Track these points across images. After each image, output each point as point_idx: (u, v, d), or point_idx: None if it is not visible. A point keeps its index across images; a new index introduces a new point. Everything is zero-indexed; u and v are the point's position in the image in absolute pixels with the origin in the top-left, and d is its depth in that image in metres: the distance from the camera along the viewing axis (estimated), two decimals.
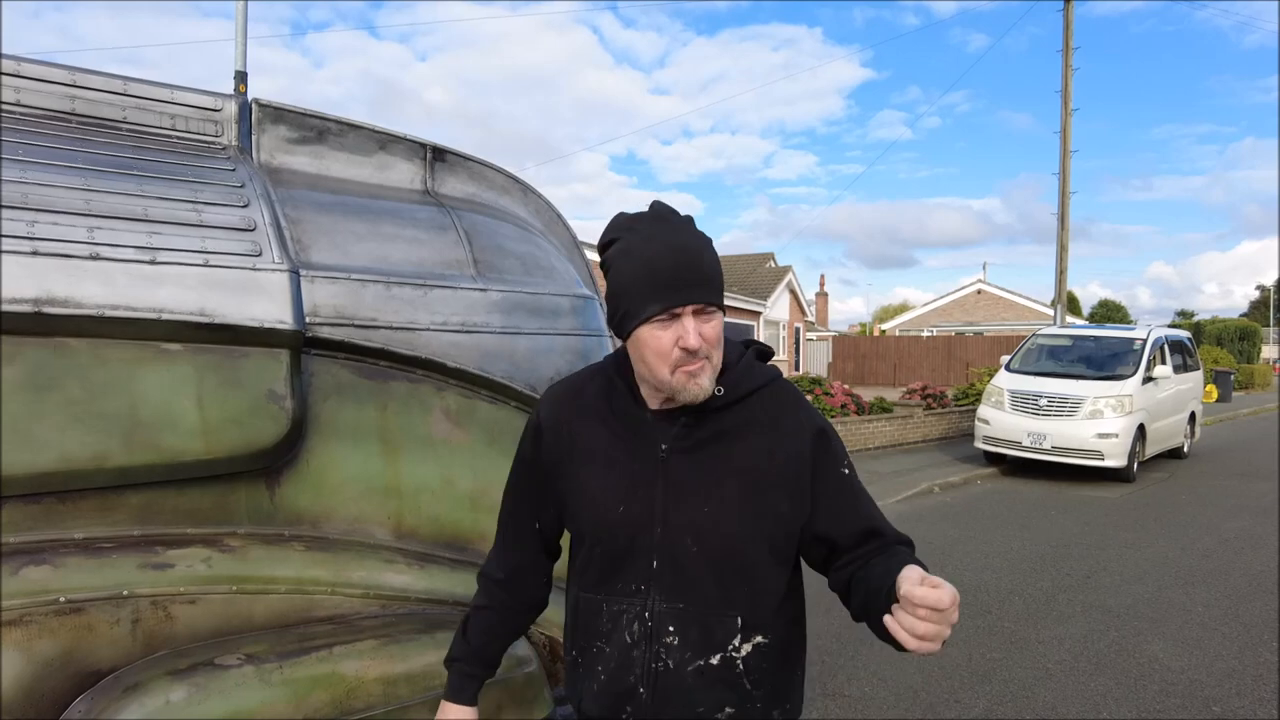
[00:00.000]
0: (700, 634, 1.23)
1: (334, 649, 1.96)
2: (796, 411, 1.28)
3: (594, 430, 1.31)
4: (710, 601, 1.23)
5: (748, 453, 1.24)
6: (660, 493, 1.23)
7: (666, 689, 1.24)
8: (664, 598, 1.23)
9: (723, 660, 1.23)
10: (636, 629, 1.24)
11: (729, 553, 1.22)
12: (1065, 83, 15.12)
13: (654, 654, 1.24)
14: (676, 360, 1.17)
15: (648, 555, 1.23)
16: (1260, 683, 3.75)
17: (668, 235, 1.21)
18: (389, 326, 2.24)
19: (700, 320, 1.18)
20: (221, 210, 2.03)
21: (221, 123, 2.29)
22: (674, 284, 1.17)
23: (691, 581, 1.22)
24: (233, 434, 1.97)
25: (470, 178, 2.83)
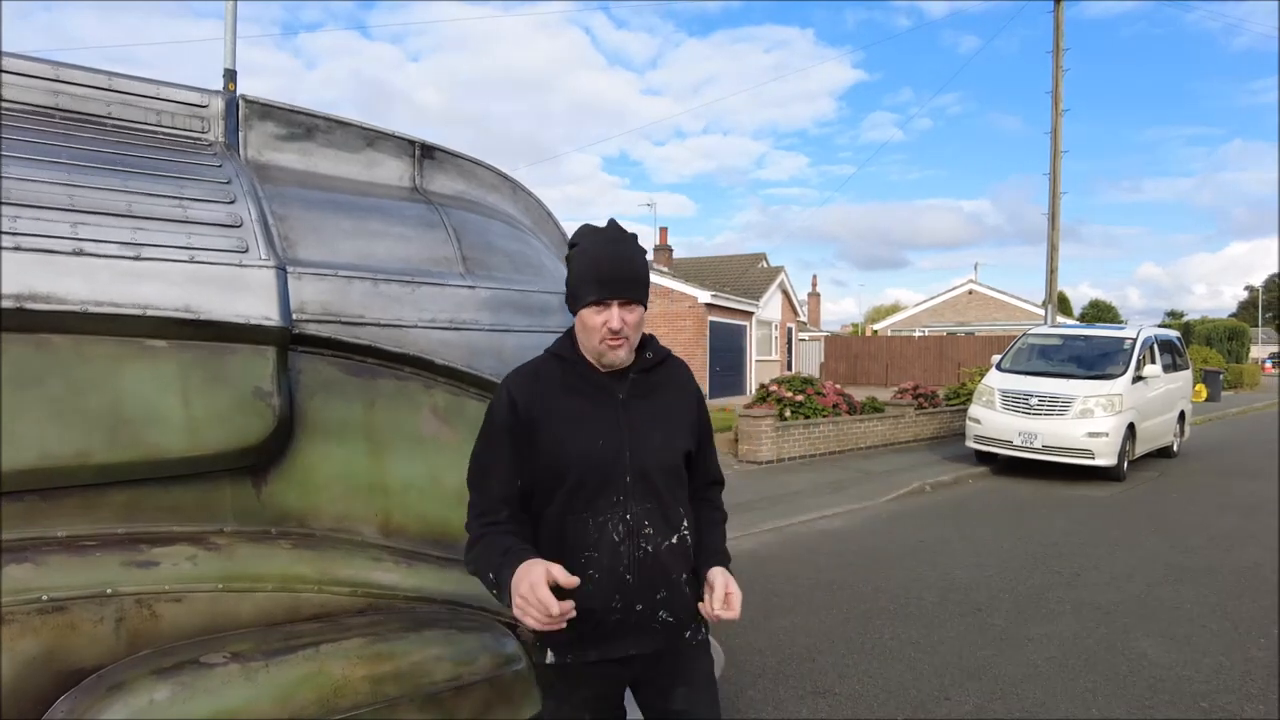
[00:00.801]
0: (665, 522, 1.71)
1: (321, 647, 1.95)
2: (689, 377, 1.89)
3: (559, 396, 1.71)
4: (667, 499, 1.72)
5: (672, 399, 1.80)
6: (624, 428, 1.69)
7: (648, 567, 1.67)
8: (638, 502, 1.68)
9: (679, 538, 1.73)
10: (621, 529, 1.66)
11: (674, 465, 1.76)
12: (1056, 84, 15.18)
13: (636, 544, 1.67)
14: (603, 335, 1.66)
15: (622, 474, 1.67)
16: (1248, 679, 3.76)
17: (612, 245, 1.68)
18: (376, 323, 2.23)
19: (624, 309, 1.66)
20: (207, 206, 2.02)
21: (208, 119, 2.27)
22: (608, 281, 1.64)
23: (656, 487, 1.70)
24: (218, 431, 1.96)
25: (459, 175, 2.82)
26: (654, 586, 1.68)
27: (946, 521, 7.20)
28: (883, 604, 4.79)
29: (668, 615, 1.70)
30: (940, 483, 9.03)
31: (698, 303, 19.81)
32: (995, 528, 6.94)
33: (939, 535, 6.64)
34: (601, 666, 1.70)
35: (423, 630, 2.15)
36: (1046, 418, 9.48)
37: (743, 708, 3.36)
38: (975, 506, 7.92)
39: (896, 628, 4.38)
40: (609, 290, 1.63)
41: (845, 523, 7.08)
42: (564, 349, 1.75)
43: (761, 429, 9.86)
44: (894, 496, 8.19)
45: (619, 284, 1.64)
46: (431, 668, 2.07)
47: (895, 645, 4.12)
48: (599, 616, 1.64)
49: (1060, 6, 15.04)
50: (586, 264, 1.65)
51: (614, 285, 1.64)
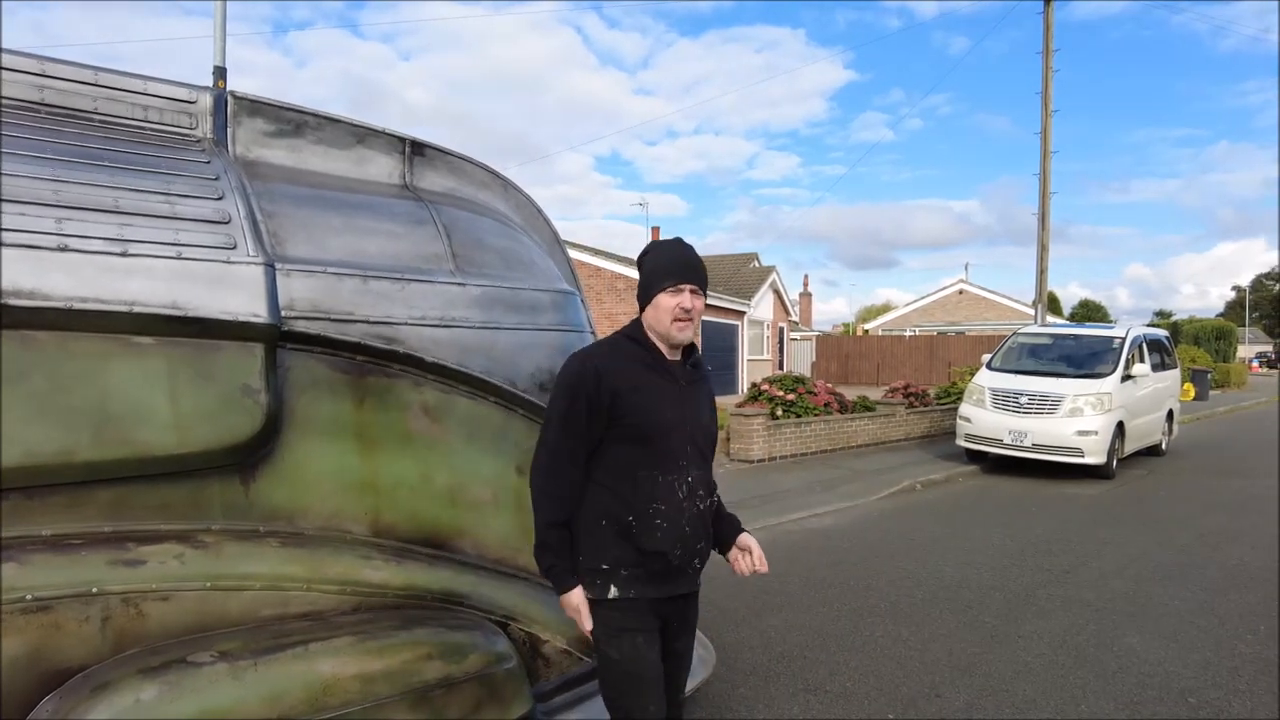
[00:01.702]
0: (708, 487, 2.09)
1: (310, 646, 1.94)
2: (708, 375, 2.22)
3: (639, 372, 2.00)
4: (707, 469, 2.10)
5: (706, 389, 2.16)
6: (685, 406, 2.04)
7: (699, 523, 2.03)
8: (696, 467, 2.04)
9: (713, 500, 2.12)
10: (683, 489, 2.00)
11: (711, 442, 2.15)
12: (1045, 84, 15.24)
13: (694, 502, 2.02)
14: (675, 315, 2.00)
15: (684, 443, 2.02)
16: (1235, 674, 3.78)
17: (682, 246, 2.09)
18: (366, 321, 2.22)
19: (693, 296, 2.03)
20: (195, 203, 2.01)
21: (196, 115, 2.26)
22: (682, 271, 2.02)
23: (703, 458, 2.09)
24: (206, 429, 1.95)
25: (450, 172, 2.81)
26: (701, 538, 2.04)
27: (937, 520, 7.22)
28: (873, 602, 4.80)
29: (700, 563, 2.08)
30: (931, 481, 9.05)
31: None
32: (985, 526, 6.96)
33: (930, 533, 6.66)
34: (657, 604, 2.01)
35: (413, 628, 2.14)
36: (1036, 416, 9.52)
37: (734, 705, 3.36)
38: (966, 505, 7.94)
39: (887, 625, 4.39)
40: (683, 276, 2.00)
41: (836, 521, 7.09)
42: (636, 333, 2.06)
43: (753, 428, 9.86)
44: (885, 495, 8.20)
45: (691, 272, 2.03)
46: (422, 666, 2.06)
47: (886, 642, 4.13)
48: (666, 560, 1.98)
49: (1050, 7, 15.11)
50: (663, 259, 2.03)
51: (687, 273, 2.01)
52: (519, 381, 2.55)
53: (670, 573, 2.01)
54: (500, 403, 2.53)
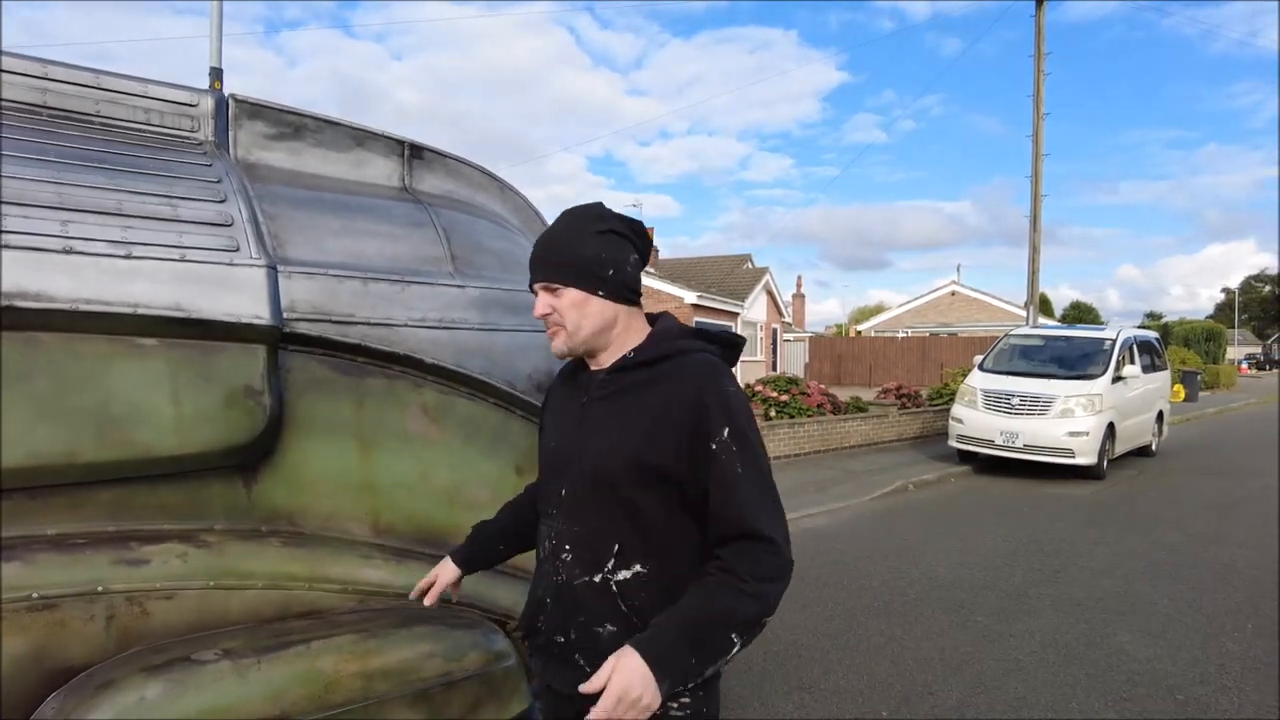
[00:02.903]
0: (586, 553, 1.45)
1: (311, 644, 1.96)
2: (696, 378, 1.43)
3: (559, 390, 1.64)
4: (594, 526, 1.45)
5: (645, 403, 1.44)
6: (579, 432, 1.50)
7: (562, 599, 1.47)
8: (565, 519, 1.49)
9: (601, 580, 1.44)
10: (547, 546, 1.52)
11: (611, 484, 1.43)
12: (1037, 87, 15.33)
13: (555, 568, 1.50)
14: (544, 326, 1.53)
15: (561, 484, 1.51)
16: (1222, 671, 3.83)
17: (544, 231, 1.57)
18: (366, 322, 2.23)
19: (549, 294, 1.50)
20: (197, 205, 2.02)
21: (197, 118, 2.27)
22: (530, 265, 1.53)
23: (583, 507, 1.47)
24: (208, 429, 1.96)
25: (448, 175, 2.83)
26: (567, 623, 1.46)
27: (930, 520, 7.27)
28: (867, 601, 4.84)
29: (584, 662, 1.42)
30: (923, 481, 9.11)
31: (684, 304, 19.87)
32: (977, 525, 7.01)
33: (922, 533, 6.71)
34: (551, 694, 1.55)
35: (413, 627, 2.16)
36: (1028, 417, 9.58)
37: (728, 703, 3.39)
38: (958, 505, 7.99)
39: (880, 624, 4.42)
40: (530, 276, 1.53)
41: (829, 521, 7.13)
42: None
43: None
44: (878, 495, 8.25)
45: (534, 266, 1.52)
46: (422, 664, 2.08)
47: (879, 641, 4.17)
48: (527, 630, 1.58)
49: (1042, 10, 15.20)
50: None
51: (531, 269, 1.53)
52: (517, 383, 2.58)
53: (539, 652, 1.55)
54: (499, 404, 2.55)
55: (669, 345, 1.50)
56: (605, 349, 1.52)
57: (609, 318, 1.50)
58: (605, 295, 1.49)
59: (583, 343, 1.50)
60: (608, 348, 1.52)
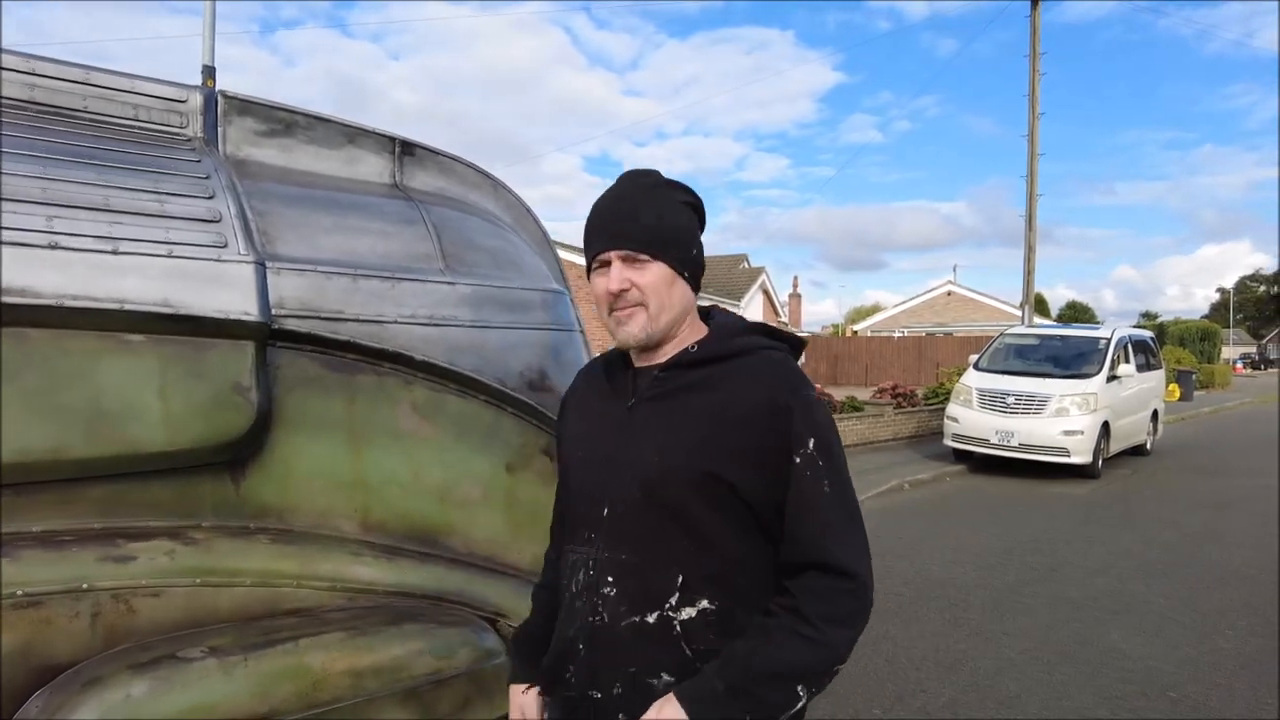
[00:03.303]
0: (638, 587, 1.19)
1: (300, 641, 1.95)
2: (772, 379, 1.22)
3: (587, 394, 1.40)
4: (650, 553, 1.19)
5: (710, 404, 1.20)
6: (625, 439, 1.24)
7: (601, 644, 1.21)
8: (608, 546, 1.22)
9: (659, 620, 1.18)
10: (582, 577, 1.25)
11: (672, 502, 1.18)
12: (1032, 87, 15.36)
13: (592, 605, 1.22)
14: (609, 305, 1.25)
15: (601, 503, 1.24)
16: (1215, 670, 3.84)
17: (609, 191, 1.30)
18: (356, 319, 2.23)
19: (629, 267, 1.23)
20: (186, 201, 2.01)
21: (186, 114, 2.26)
22: (599, 232, 1.26)
23: (634, 530, 1.20)
24: (197, 426, 1.96)
25: (440, 172, 2.82)
26: (610, 675, 1.20)
27: (924, 519, 7.27)
28: None
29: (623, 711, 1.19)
30: (919, 480, 9.12)
31: None
32: (972, 524, 7.02)
33: (916, 532, 6.71)
34: None
35: (403, 624, 2.15)
36: (1023, 416, 9.60)
37: None
38: (953, 504, 8.00)
39: (874, 623, 4.42)
40: (599, 243, 1.25)
41: None
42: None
43: None
44: (873, 494, 8.25)
45: (611, 235, 1.25)
46: (411, 662, 2.07)
47: (873, 639, 4.17)
48: (551, 681, 1.32)
49: (1037, 10, 15.23)
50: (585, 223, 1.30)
51: (605, 237, 1.25)
52: (509, 380, 2.57)
53: (564, 708, 1.29)
54: (490, 401, 2.55)
55: (737, 341, 1.28)
56: (668, 342, 1.28)
57: (687, 306, 1.29)
58: (689, 279, 1.28)
59: (661, 330, 1.25)
60: (670, 340, 1.28)
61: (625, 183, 1.31)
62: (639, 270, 1.23)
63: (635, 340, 1.25)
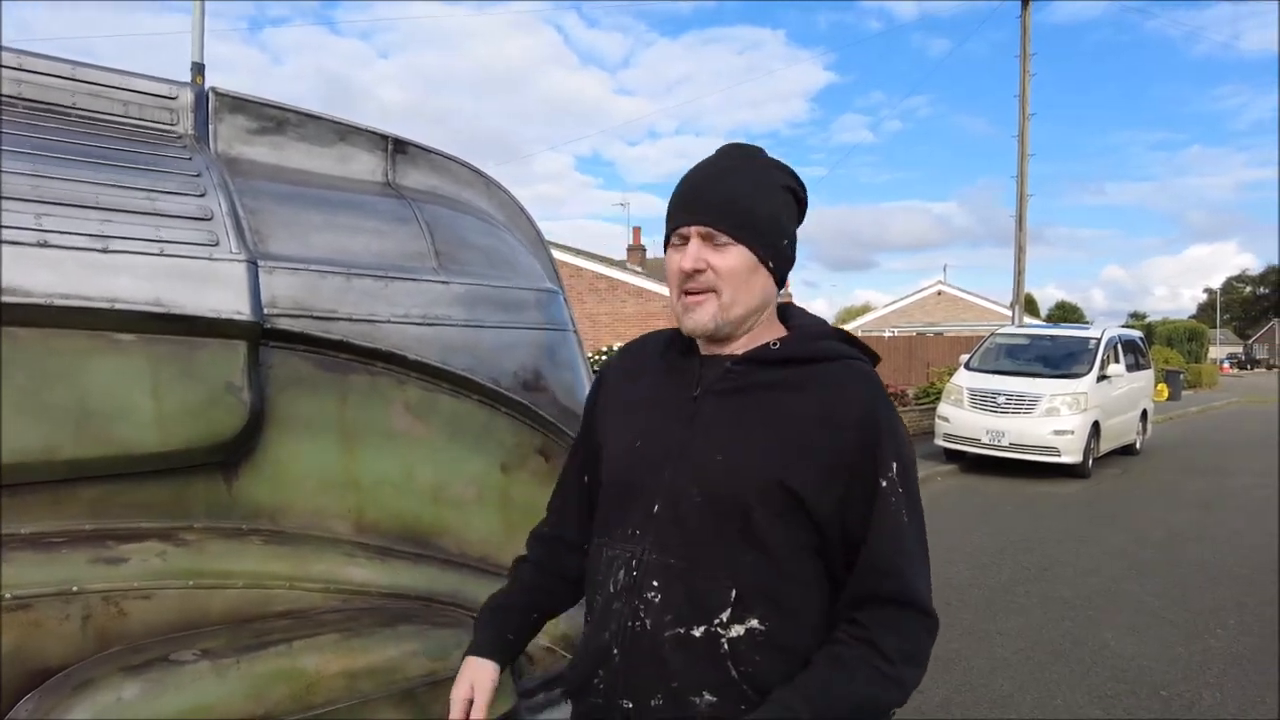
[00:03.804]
0: (686, 597, 1.10)
1: (293, 643, 1.94)
2: (861, 392, 1.14)
3: (641, 377, 1.29)
4: (704, 561, 1.10)
5: (790, 410, 1.12)
6: (681, 433, 1.16)
7: (639, 653, 1.12)
8: (656, 547, 1.13)
9: (706, 635, 1.09)
10: (622, 577, 1.15)
11: (736, 508, 1.10)
12: (1023, 87, 15.42)
13: (633, 609, 1.12)
14: (681, 285, 1.15)
15: (651, 498, 1.15)
16: (1205, 668, 3.86)
17: (703, 161, 1.20)
18: (349, 318, 2.21)
19: (709, 248, 1.13)
20: (177, 199, 2.00)
21: (177, 111, 2.24)
22: (683, 205, 1.16)
23: (688, 534, 1.11)
24: (189, 426, 1.94)
25: (432, 170, 2.81)
26: (647, 686, 1.11)
27: None
28: None
29: None
30: None
31: None
32: (964, 524, 7.04)
33: None
34: None
35: (397, 626, 2.14)
36: (1014, 416, 9.64)
37: None
38: (945, 504, 8.02)
39: None
40: (681, 217, 1.15)
41: None
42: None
43: None
44: None
45: (694, 209, 1.14)
46: (406, 663, 2.06)
47: None
48: (578, 688, 1.22)
49: (1028, 10, 15.30)
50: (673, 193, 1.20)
51: (688, 211, 1.15)
52: (503, 380, 2.56)
53: (592, 712, 1.20)
54: (484, 401, 2.54)
55: (823, 345, 1.20)
56: (741, 335, 1.19)
57: (767, 299, 1.19)
58: (773, 270, 1.18)
59: (732, 323, 1.16)
60: (745, 335, 1.20)
61: (721, 155, 1.21)
62: (718, 252, 1.13)
63: (703, 330, 1.16)
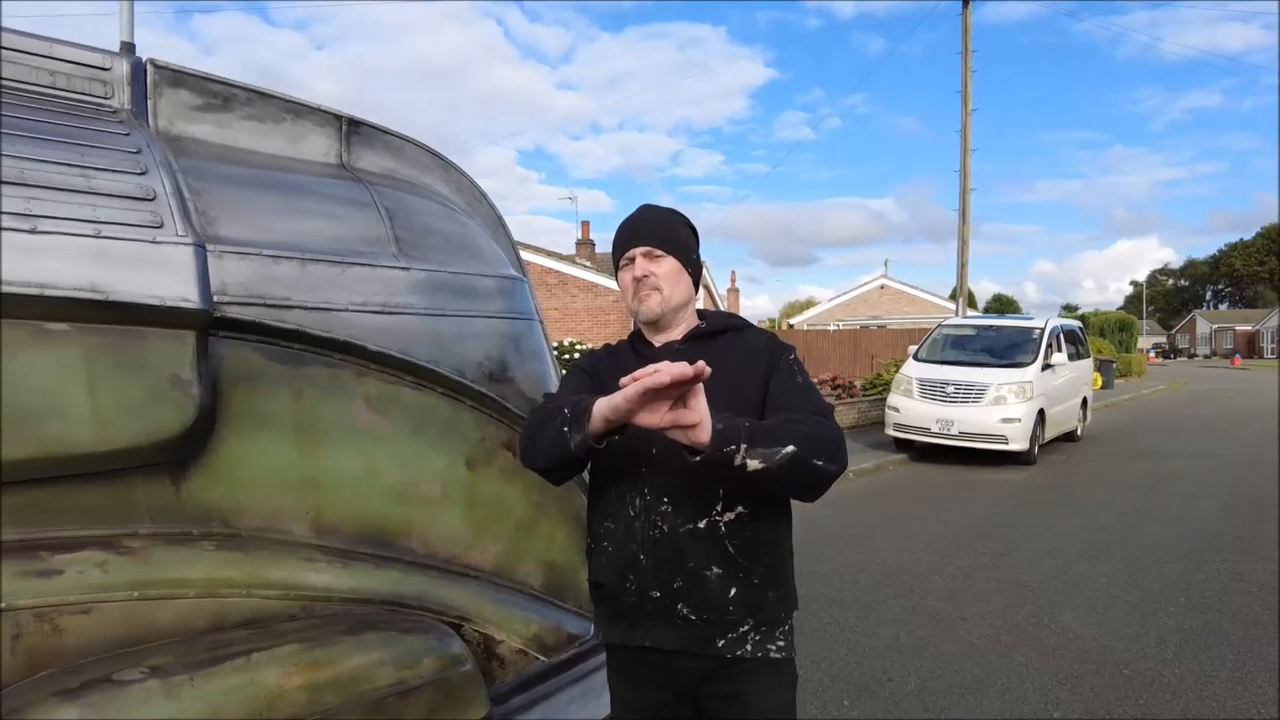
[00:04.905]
0: (691, 501, 1.52)
1: (251, 656, 1.79)
2: (764, 336, 1.70)
3: (620, 364, 1.66)
4: (697, 474, 1.41)
5: (727, 363, 1.55)
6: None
7: (663, 551, 1.52)
8: (661, 474, 1.53)
9: (709, 524, 1.51)
10: (638, 503, 1.55)
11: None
12: (965, 83, 15.72)
13: (651, 522, 1.53)
14: (633, 290, 1.68)
15: (649, 445, 1.53)
16: (1162, 645, 3.93)
17: (633, 214, 1.76)
18: (304, 307, 2.07)
19: (649, 261, 1.67)
20: (115, 177, 1.83)
21: (112, 83, 2.07)
22: (629, 237, 1.71)
23: (682, 460, 1.38)
24: (131, 424, 1.78)
25: (388, 152, 2.67)
26: (670, 573, 1.51)
27: (871, 507, 7.34)
28: (818, 589, 4.83)
29: (688, 611, 1.52)
30: (863, 470, 9.22)
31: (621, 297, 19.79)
32: (918, 512, 7.11)
33: (865, 521, 6.76)
34: (638, 656, 1.60)
35: (362, 633, 2.01)
36: (963, 405, 9.79)
37: None
38: (898, 492, 8.11)
39: (834, 612, 4.41)
40: (628, 244, 1.69)
41: None
42: (633, 334, 1.81)
43: None
44: None
45: (636, 237, 1.69)
46: (373, 672, 1.94)
47: (835, 629, 4.15)
48: (612, 593, 1.59)
49: (969, 8, 15.59)
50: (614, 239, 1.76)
51: (630, 239, 1.69)
52: (467, 371, 2.44)
53: (626, 613, 1.59)
54: (448, 393, 2.42)
55: (734, 320, 1.76)
56: (677, 325, 1.70)
57: (690, 295, 1.72)
58: (690, 275, 1.73)
59: (672, 309, 1.67)
60: (679, 324, 1.70)
61: (642, 209, 1.77)
62: (656, 262, 1.67)
63: (653, 314, 1.66)
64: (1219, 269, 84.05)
